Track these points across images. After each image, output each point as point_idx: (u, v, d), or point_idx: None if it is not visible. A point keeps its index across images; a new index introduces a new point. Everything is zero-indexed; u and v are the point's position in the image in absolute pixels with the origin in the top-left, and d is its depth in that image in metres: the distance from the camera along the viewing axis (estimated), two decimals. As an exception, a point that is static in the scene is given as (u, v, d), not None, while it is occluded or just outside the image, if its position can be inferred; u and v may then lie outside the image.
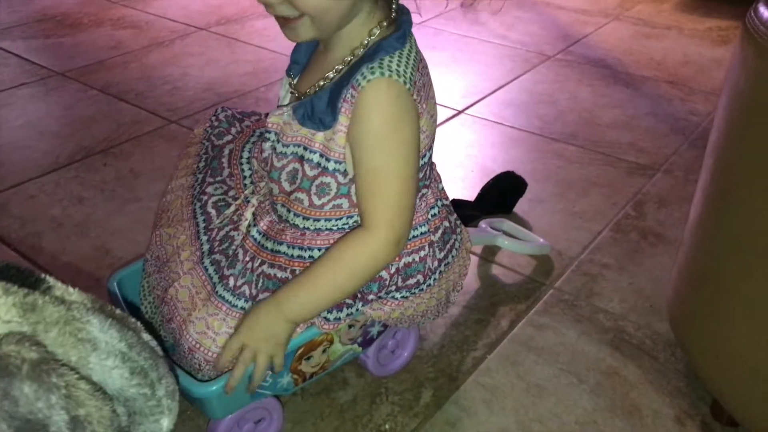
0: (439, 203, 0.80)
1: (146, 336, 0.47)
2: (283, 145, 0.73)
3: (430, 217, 0.78)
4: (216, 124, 0.88)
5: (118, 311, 0.47)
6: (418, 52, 0.71)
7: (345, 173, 0.70)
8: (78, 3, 2.32)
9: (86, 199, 1.28)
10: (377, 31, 0.69)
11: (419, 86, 0.70)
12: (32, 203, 1.27)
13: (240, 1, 2.36)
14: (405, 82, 0.67)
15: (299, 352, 0.75)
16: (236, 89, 1.72)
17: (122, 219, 1.22)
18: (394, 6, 0.71)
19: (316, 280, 0.70)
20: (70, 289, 0.44)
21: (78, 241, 1.17)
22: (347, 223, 0.74)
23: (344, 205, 0.73)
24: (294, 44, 0.77)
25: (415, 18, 0.74)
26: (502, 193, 1.23)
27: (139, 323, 0.48)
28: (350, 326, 0.78)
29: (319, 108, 0.69)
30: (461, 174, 1.35)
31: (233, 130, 0.87)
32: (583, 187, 1.32)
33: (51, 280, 0.42)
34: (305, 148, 0.71)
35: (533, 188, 1.28)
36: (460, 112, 1.61)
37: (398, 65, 0.67)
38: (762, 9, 0.72)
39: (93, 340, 0.41)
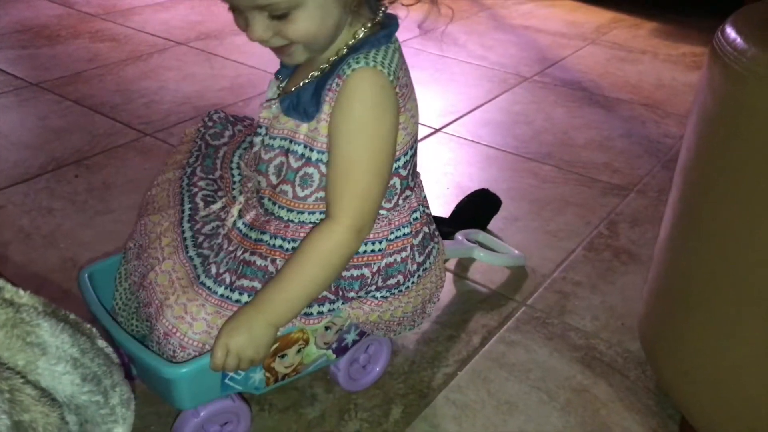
0: (421, 209, 0.81)
1: (101, 342, 0.46)
2: (271, 138, 0.74)
3: (412, 220, 0.78)
4: (210, 124, 0.89)
5: (72, 316, 0.45)
6: (401, 54, 0.73)
7: (328, 164, 0.71)
8: (56, 15, 2.31)
9: (56, 211, 1.26)
10: (362, 32, 0.71)
11: (402, 83, 0.71)
12: (1, 214, 1.25)
13: (220, 16, 2.36)
14: (389, 74, 0.68)
15: (275, 347, 0.74)
16: (214, 103, 1.71)
17: (92, 231, 1.20)
18: (381, 10, 0.72)
19: (289, 277, 0.70)
20: (21, 292, 0.42)
21: (46, 253, 1.14)
22: None
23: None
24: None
25: (399, 36, 0.75)
26: (476, 210, 1.23)
27: (94, 329, 0.46)
28: (327, 328, 0.77)
29: (304, 99, 0.70)
30: (437, 191, 1.35)
31: (227, 133, 0.87)
32: (557, 206, 1.32)
33: (0, 282, 0.41)
34: (290, 141, 0.72)
35: (508, 206, 1.29)
36: (437, 131, 1.62)
37: (383, 58, 0.68)
38: (729, 30, 0.73)
39: (42, 344, 0.39)
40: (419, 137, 1.54)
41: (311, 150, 0.71)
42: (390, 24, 0.73)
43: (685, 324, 0.79)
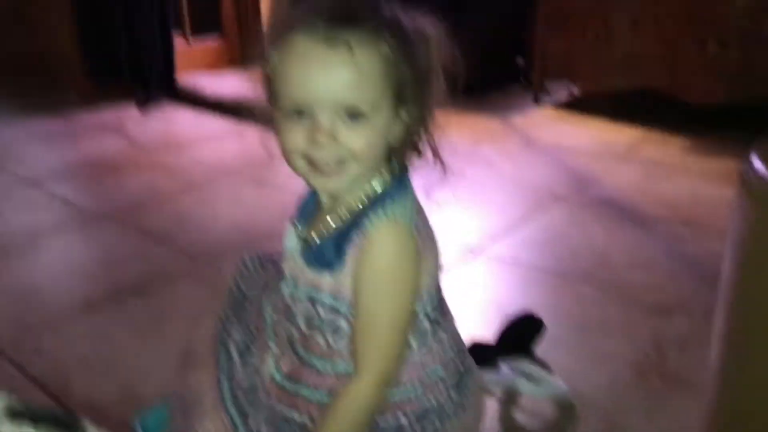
0: (455, 346, 0.82)
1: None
2: (296, 288, 0.77)
3: (446, 359, 0.80)
4: (245, 272, 0.92)
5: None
6: (417, 199, 0.77)
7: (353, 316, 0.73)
8: (121, 149, 2.49)
9: (115, 340, 1.32)
10: (380, 183, 0.75)
11: (421, 230, 0.74)
12: (63, 342, 1.31)
13: (270, 145, 2.51)
14: (409, 225, 0.72)
15: None
16: (264, 231, 1.80)
17: (149, 360, 1.26)
18: (393, 158, 0.76)
19: None
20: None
21: (106, 382, 1.19)
22: None
23: None
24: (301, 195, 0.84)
25: (428, 159, 0.80)
26: (520, 335, 1.25)
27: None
28: None
29: (326, 252, 0.73)
30: (478, 314, 1.38)
31: (260, 281, 0.91)
32: (601, 328, 1.33)
33: (86, 422, 0.45)
34: (316, 291, 0.75)
35: (552, 328, 1.30)
36: (476, 253, 1.66)
37: (402, 209, 0.72)
38: (755, 161, 0.77)
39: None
40: (457, 260, 1.59)
41: (340, 303, 0.73)
42: (403, 171, 0.76)
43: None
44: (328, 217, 0.76)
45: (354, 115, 0.69)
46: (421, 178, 0.79)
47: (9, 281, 1.55)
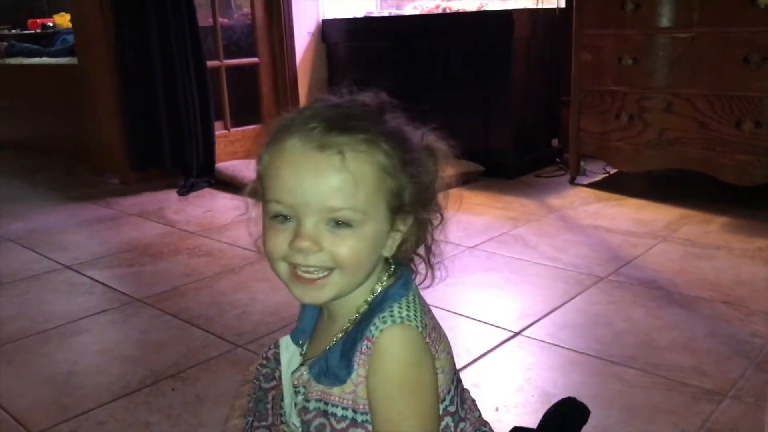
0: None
1: None
2: (306, 401, 0.74)
3: None
4: (265, 363, 0.89)
5: None
6: (420, 296, 0.75)
7: (372, 425, 0.71)
8: (160, 234, 2.56)
9: (153, 425, 1.31)
10: (380, 286, 0.73)
11: (429, 329, 0.72)
12: (101, 430, 1.31)
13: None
14: (417, 326, 0.70)
15: None
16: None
17: (185, 446, 1.24)
18: (391, 260, 0.75)
19: None
20: None
21: (141, 469, 1.18)
22: None
23: None
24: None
25: (468, 241, 0.80)
26: (564, 421, 1.21)
27: None
28: None
29: (332, 363, 0.71)
30: (521, 399, 1.34)
31: (277, 374, 0.87)
32: (648, 413, 1.28)
33: None
34: (325, 403, 0.72)
35: (596, 415, 1.25)
36: (516, 334, 1.63)
37: (407, 311, 0.70)
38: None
39: None
40: (498, 342, 1.56)
41: (355, 412, 0.71)
42: (403, 272, 0.75)
43: None
44: (330, 332, 0.75)
45: (341, 222, 0.67)
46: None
47: (48, 367, 1.57)
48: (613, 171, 3.11)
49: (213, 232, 2.58)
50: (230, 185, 3.18)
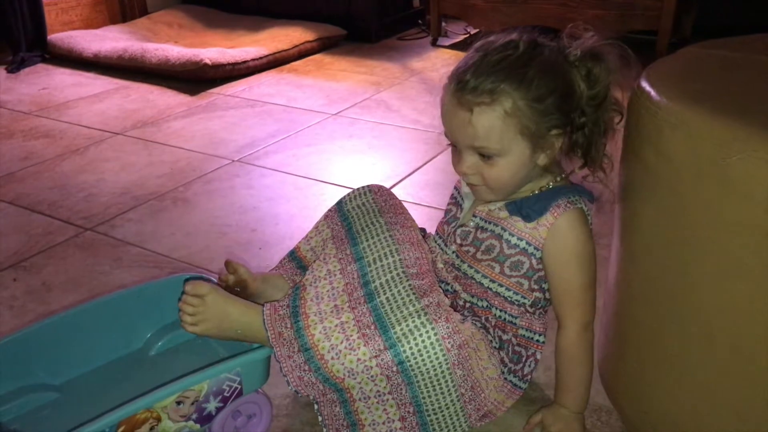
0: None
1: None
2: (486, 222, 0.90)
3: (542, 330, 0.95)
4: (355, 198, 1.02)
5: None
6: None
7: (539, 260, 0.87)
8: (-12, 116, 2.28)
9: (-6, 318, 1.22)
10: (551, 184, 0.88)
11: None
12: (-66, 328, 1.20)
13: (157, 103, 2.37)
14: (587, 215, 0.87)
15: (119, 430, 0.76)
16: (153, 191, 1.70)
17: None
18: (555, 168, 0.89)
19: (571, 379, 0.89)
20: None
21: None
22: (521, 302, 0.90)
23: (525, 285, 0.89)
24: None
25: (331, 108, 0.79)
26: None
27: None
28: (178, 403, 0.81)
29: (527, 204, 0.86)
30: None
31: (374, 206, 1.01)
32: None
33: None
34: (503, 229, 0.88)
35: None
36: (379, 197, 1.64)
37: (580, 199, 0.87)
38: (644, 84, 0.78)
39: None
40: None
41: (528, 244, 0.87)
42: (581, 191, 0.88)
43: (639, 365, 0.81)
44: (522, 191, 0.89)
45: (486, 156, 0.83)
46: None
47: None
48: (474, 31, 3.10)
49: (51, 111, 2.34)
50: (67, 59, 2.87)
